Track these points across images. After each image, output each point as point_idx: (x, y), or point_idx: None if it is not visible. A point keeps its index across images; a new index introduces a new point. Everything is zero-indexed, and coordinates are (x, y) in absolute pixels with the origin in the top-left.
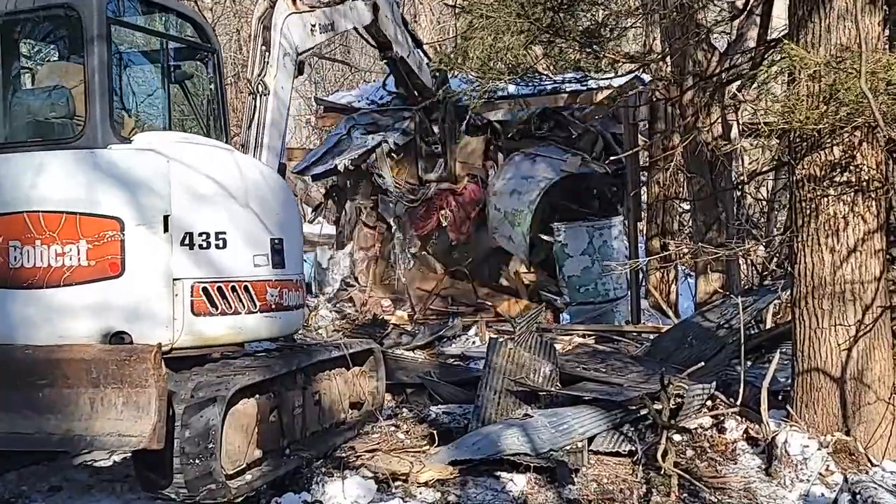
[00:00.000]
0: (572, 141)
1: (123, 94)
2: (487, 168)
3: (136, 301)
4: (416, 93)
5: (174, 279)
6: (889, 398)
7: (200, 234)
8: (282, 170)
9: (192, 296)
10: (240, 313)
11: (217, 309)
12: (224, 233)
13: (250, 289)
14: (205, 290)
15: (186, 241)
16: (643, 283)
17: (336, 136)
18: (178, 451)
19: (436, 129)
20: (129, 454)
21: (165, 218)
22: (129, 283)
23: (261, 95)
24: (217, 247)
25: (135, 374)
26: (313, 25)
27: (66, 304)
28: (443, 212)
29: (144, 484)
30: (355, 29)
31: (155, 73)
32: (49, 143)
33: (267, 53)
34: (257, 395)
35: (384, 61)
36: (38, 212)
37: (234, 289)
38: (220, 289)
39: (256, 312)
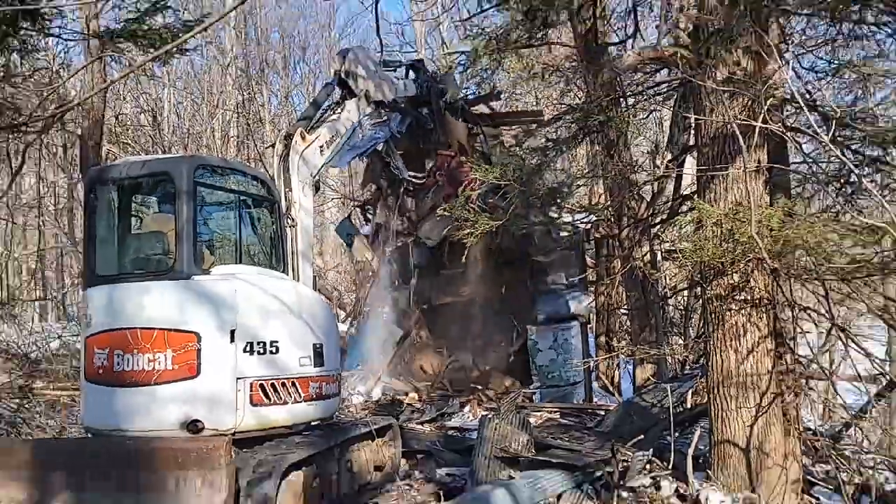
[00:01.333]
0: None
1: (205, 235)
2: (472, 145)
3: (209, 395)
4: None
5: (238, 378)
6: (783, 463)
7: (259, 343)
8: (314, 278)
9: (251, 390)
10: (289, 403)
11: (271, 400)
12: (277, 341)
13: (297, 384)
14: (261, 385)
15: (248, 349)
16: (594, 371)
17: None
18: None
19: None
20: None
21: (232, 331)
22: (203, 381)
23: (291, 227)
24: (271, 352)
25: (210, 460)
26: (321, 146)
27: (156, 398)
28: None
29: None
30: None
31: (229, 218)
32: (149, 275)
33: (290, 192)
34: (304, 467)
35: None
36: (138, 328)
37: (284, 384)
38: (273, 384)
39: (302, 402)
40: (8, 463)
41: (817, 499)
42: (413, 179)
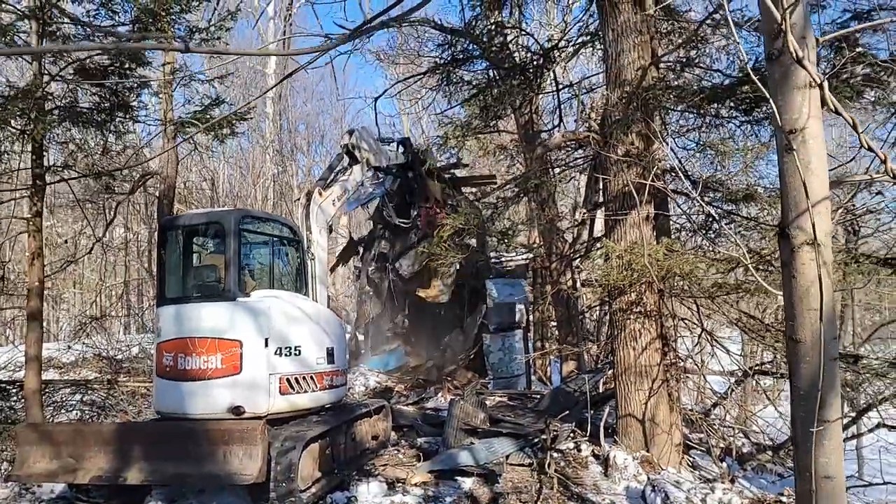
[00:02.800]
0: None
1: (247, 267)
2: (445, 200)
3: (248, 387)
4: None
5: (270, 374)
6: (668, 431)
7: (286, 348)
8: (329, 299)
9: (280, 383)
10: (308, 391)
11: (295, 390)
12: (300, 346)
13: (314, 377)
14: (288, 379)
15: (278, 352)
16: (532, 366)
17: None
18: (273, 479)
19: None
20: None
21: (266, 339)
22: (245, 377)
23: (311, 261)
24: (295, 354)
25: (250, 437)
26: (334, 200)
27: (209, 389)
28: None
29: (252, 497)
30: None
31: (266, 254)
32: (205, 297)
33: (310, 234)
34: (320, 440)
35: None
36: (195, 337)
37: (305, 378)
38: (297, 378)
39: (318, 391)
40: (97, 440)
41: (693, 458)
42: (401, 223)
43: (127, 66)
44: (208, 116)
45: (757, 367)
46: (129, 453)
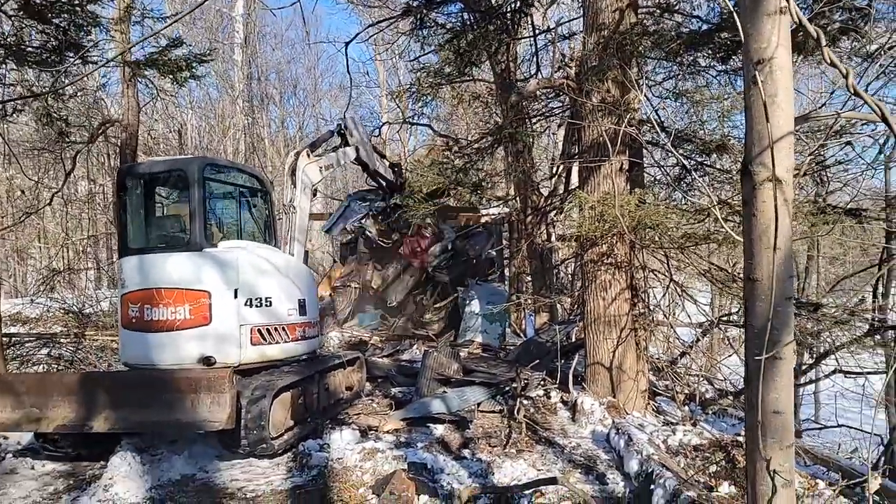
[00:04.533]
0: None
1: (213, 217)
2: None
3: (219, 338)
4: (384, 184)
5: (241, 325)
6: (635, 378)
7: (256, 299)
8: (306, 254)
9: (251, 334)
10: (280, 342)
11: (267, 340)
12: (270, 297)
13: (286, 328)
14: (259, 330)
15: (248, 303)
16: (507, 318)
17: (344, 205)
18: (243, 427)
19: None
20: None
21: (235, 290)
22: (215, 328)
23: (292, 213)
24: (266, 305)
25: (218, 385)
26: (321, 167)
27: (177, 340)
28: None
29: (224, 445)
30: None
31: (232, 204)
32: (169, 248)
33: (293, 188)
34: (291, 390)
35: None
36: (161, 288)
37: (276, 329)
38: (268, 329)
39: (291, 342)
40: (61, 390)
41: (658, 404)
42: (383, 244)
43: (76, 1)
44: (166, 58)
45: (724, 317)
46: (94, 402)
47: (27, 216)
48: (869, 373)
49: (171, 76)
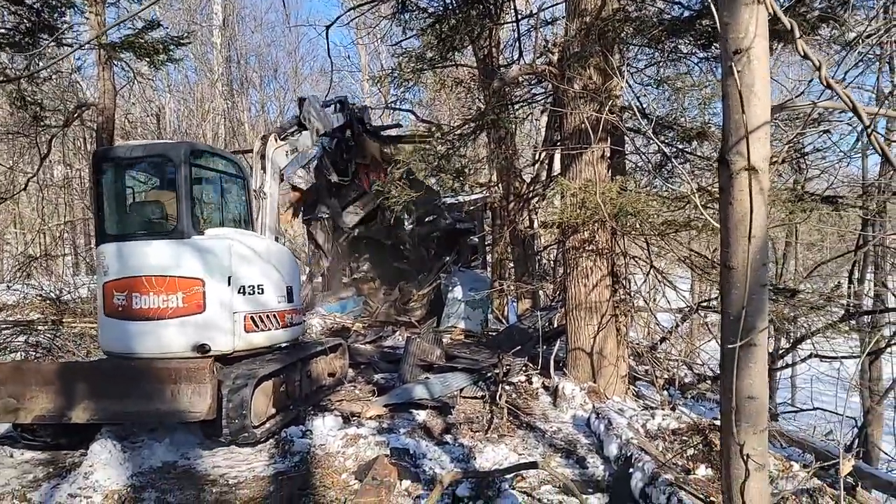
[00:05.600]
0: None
1: (198, 204)
2: (382, 157)
3: (213, 325)
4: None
5: (234, 312)
6: (615, 363)
7: (249, 286)
8: (276, 240)
9: (244, 322)
10: (270, 329)
11: (258, 328)
12: (262, 285)
13: (276, 315)
14: (251, 317)
15: (241, 291)
16: (490, 304)
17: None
18: (225, 416)
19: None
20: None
21: (229, 277)
22: (208, 316)
23: (262, 199)
24: (259, 293)
25: (199, 375)
26: (287, 151)
27: (169, 329)
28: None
29: (205, 434)
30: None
31: (213, 190)
32: (155, 235)
33: (263, 174)
34: (273, 378)
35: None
36: (151, 276)
37: (267, 316)
38: (259, 317)
39: (279, 329)
40: (38, 380)
41: (638, 389)
42: (341, 181)
43: None
44: (143, 41)
45: (703, 303)
46: (73, 393)
47: (2, 201)
48: (844, 357)
49: (147, 59)
